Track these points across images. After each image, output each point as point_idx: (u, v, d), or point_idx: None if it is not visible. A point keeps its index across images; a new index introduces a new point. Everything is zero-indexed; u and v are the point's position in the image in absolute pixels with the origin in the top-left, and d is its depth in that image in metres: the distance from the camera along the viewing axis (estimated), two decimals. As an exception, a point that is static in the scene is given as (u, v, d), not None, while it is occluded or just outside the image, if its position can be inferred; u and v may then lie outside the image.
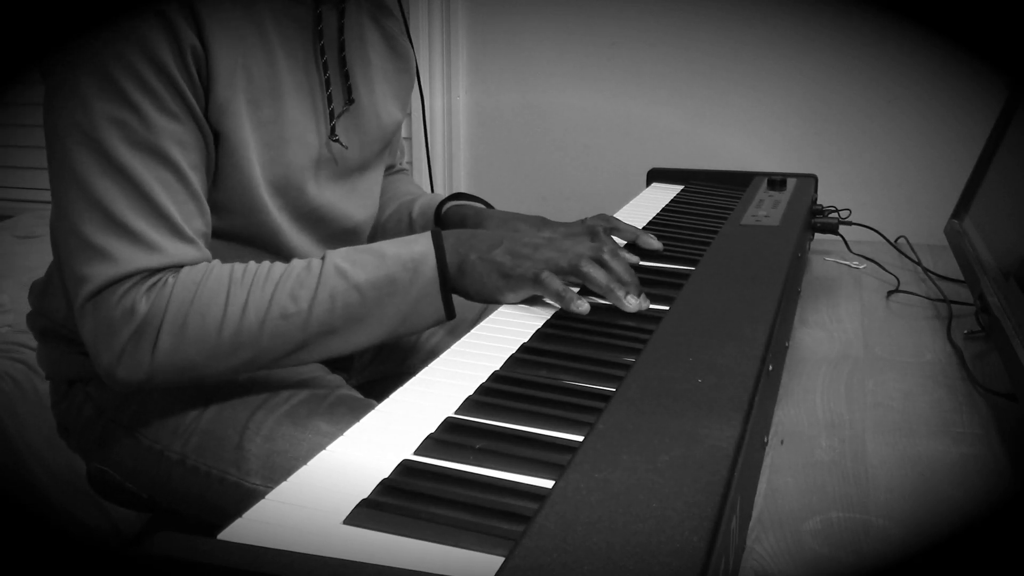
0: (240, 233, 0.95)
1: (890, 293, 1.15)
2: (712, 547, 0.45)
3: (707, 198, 1.38)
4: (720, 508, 0.48)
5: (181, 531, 0.44)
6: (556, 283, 0.86)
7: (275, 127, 0.92)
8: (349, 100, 1.01)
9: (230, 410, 0.95)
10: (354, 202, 1.06)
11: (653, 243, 1.05)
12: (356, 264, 0.87)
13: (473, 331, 0.83)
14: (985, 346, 0.97)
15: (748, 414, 0.60)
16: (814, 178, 1.43)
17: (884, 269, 1.24)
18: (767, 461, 0.72)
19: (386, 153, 1.14)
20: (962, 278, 1.10)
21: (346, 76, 1.00)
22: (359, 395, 1.00)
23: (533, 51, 2.20)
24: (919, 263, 1.27)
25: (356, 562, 0.44)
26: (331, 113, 0.98)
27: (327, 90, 0.97)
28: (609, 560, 0.44)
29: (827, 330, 1.02)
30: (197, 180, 0.87)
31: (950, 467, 0.72)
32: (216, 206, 0.91)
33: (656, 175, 1.55)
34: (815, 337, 0.99)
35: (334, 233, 1.04)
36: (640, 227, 1.20)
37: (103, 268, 0.82)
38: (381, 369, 1.22)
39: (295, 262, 0.88)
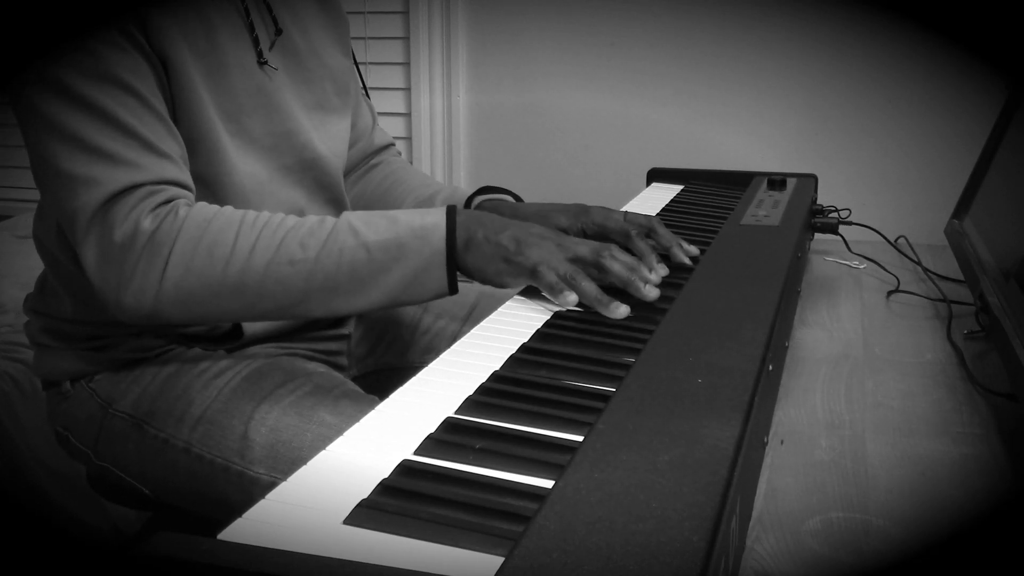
0: (198, 169, 0.95)
1: (890, 293, 1.15)
2: (712, 547, 0.45)
3: (707, 198, 1.38)
4: (720, 508, 0.48)
5: (181, 531, 0.44)
6: (551, 276, 0.87)
7: (212, 55, 0.94)
8: (277, 30, 1.03)
9: (236, 401, 0.96)
10: (317, 136, 1.07)
11: (687, 255, 1.01)
12: (369, 224, 0.88)
13: (473, 331, 0.83)
14: (985, 346, 0.97)
15: (748, 414, 0.60)
16: (814, 178, 1.43)
17: (884, 269, 1.24)
18: (767, 461, 0.71)
19: (347, 101, 1.15)
20: (962, 278, 1.10)
21: (269, 8, 1.03)
22: (363, 391, 1.00)
23: (533, 51, 2.20)
24: (919, 263, 1.27)
25: (356, 562, 0.44)
26: (256, 39, 0.99)
27: (248, 18, 0.99)
28: (609, 560, 0.44)
29: (827, 330, 1.02)
30: (159, 105, 0.89)
31: (950, 467, 0.72)
32: None
33: (656, 175, 1.55)
34: (815, 337, 0.99)
35: (291, 163, 1.04)
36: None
37: (91, 194, 0.85)
38: (380, 361, 1.23)
39: (310, 216, 0.90)
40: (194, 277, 0.85)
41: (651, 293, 0.87)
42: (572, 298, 0.86)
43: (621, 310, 0.85)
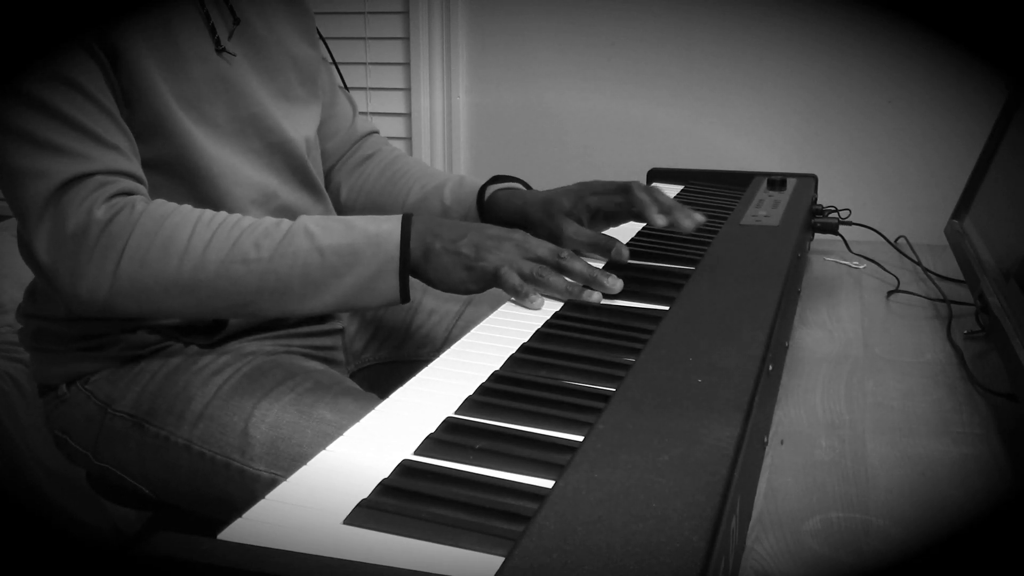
0: (162, 157, 0.96)
1: (890, 293, 1.15)
2: (712, 547, 0.45)
3: (707, 198, 1.38)
4: (720, 508, 0.48)
5: (181, 531, 0.44)
6: (514, 279, 0.88)
7: (168, 46, 0.94)
8: (235, 20, 1.03)
9: (236, 398, 0.96)
10: (285, 120, 1.07)
11: (690, 221, 1.01)
12: (325, 229, 0.90)
13: (473, 331, 0.83)
14: (985, 346, 0.97)
15: (748, 414, 0.60)
16: (814, 178, 1.43)
17: (884, 269, 1.24)
18: (767, 461, 0.72)
19: (313, 91, 1.15)
20: (962, 278, 1.10)
21: (226, 1, 1.03)
22: (362, 389, 1.01)
23: (533, 51, 2.20)
24: (919, 263, 1.27)
25: (356, 562, 0.44)
26: (212, 28, 1.00)
27: (203, 8, 0.99)
28: (609, 560, 0.44)
29: (827, 330, 1.02)
30: (107, 101, 0.90)
31: (950, 467, 0.72)
32: (134, 133, 0.93)
33: (656, 175, 1.55)
34: (815, 337, 0.99)
35: (259, 147, 1.04)
36: (640, 227, 1.20)
37: (40, 185, 0.86)
38: (376, 356, 1.23)
39: (267, 218, 0.91)
40: (148, 272, 0.86)
41: (615, 285, 0.89)
42: (538, 302, 0.87)
43: (610, 281, 0.88)
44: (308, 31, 1.17)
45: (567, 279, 0.90)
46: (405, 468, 0.57)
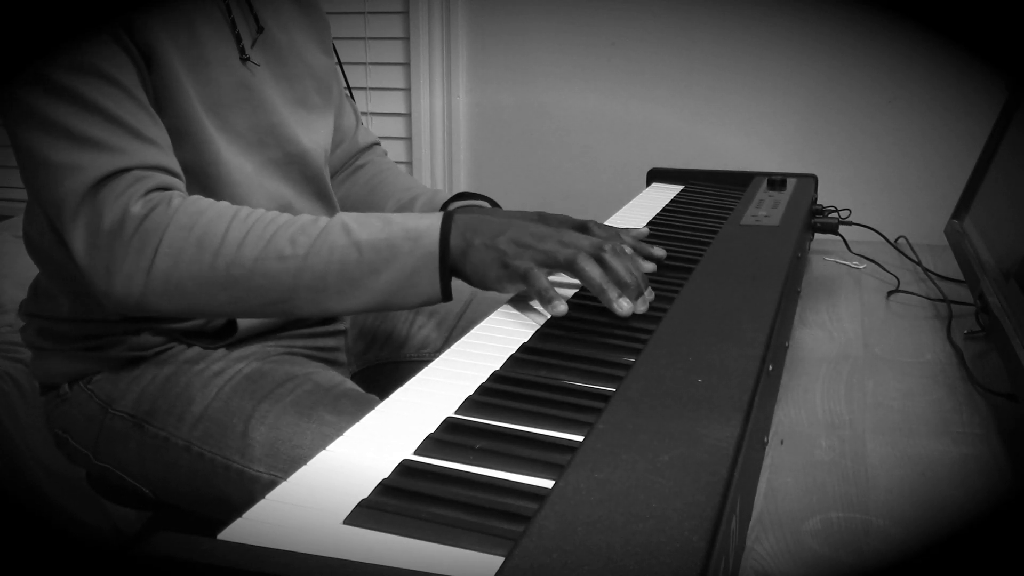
0: (184, 161, 0.95)
1: (890, 293, 1.15)
2: (712, 547, 0.45)
3: (707, 198, 1.38)
4: (720, 508, 0.48)
5: (181, 531, 0.44)
6: (542, 281, 0.85)
7: (195, 51, 0.94)
8: (259, 28, 1.03)
9: (236, 400, 0.96)
10: (301, 130, 1.07)
11: (643, 305, 0.93)
12: (362, 224, 0.87)
13: (473, 331, 0.83)
14: (985, 346, 0.97)
15: (748, 414, 0.60)
16: (814, 178, 1.43)
17: (884, 269, 1.24)
18: (767, 461, 0.71)
19: (328, 99, 1.15)
20: (962, 278, 1.10)
21: (251, 6, 1.03)
22: (362, 390, 1.01)
23: (533, 51, 2.20)
24: (919, 263, 1.27)
25: (356, 562, 0.44)
26: (238, 36, 1.00)
27: (230, 15, 0.99)
28: (609, 560, 0.44)
29: (827, 330, 1.02)
30: (141, 96, 0.89)
31: (950, 467, 0.72)
32: None
33: (656, 175, 1.55)
34: (815, 337, 0.99)
35: (277, 157, 1.05)
36: (640, 227, 1.20)
37: (76, 180, 0.85)
38: (378, 357, 1.23)
39: (304, 214, 0.90)
40: (183, 268, 0.85)
41: (638, 307, 0.84)
42: (561, 308, 0.83)
43: (627, 305, 0.82)
44: (324, 40, 1.17)
45: (602, 272, 0.84)
46: (405, 468, 0.57)
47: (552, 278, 0.88)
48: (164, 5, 0.92)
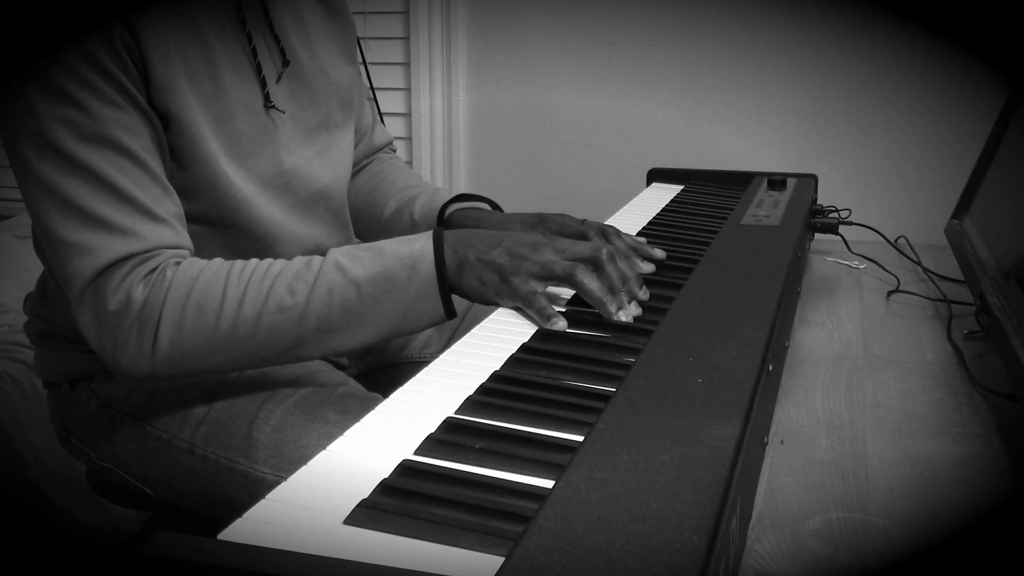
0: (211, 214, 0.95)
1: (890, 293, 1.15)
2: (712, 547, 0.45)
3: (707, 198, 1.38)
4: (720, 508, 0.48)
5: (181, 531, 0.44)
6: (540, 302, 0.85)
7: (219, 100, 0.93)
8: (285, 62, 1.01)
9: (240, 401, 0.96)
10: (320, 164, 1.07)
11: (650, 261, 1.00)
12: (355, 260, 0.87)
13: (473, 331, 0.83)
14: (985, 346, 0.97)
15: (748, 414, 0.60)
16: (814, 178, 1.43)
17: (884, 269, 1.24)
18: (767, 461, 0.72)
19: (350, 113, 1.14)
20: (962, 278, 1.10)
21: (277, 39, 1.01)
22: (366, 390, 1.00)
23: (533, 51, 2.20)
24: (919, 263, 1.27)
25: (356, 562, 0.44)
26: (263, 81, 0.98)
27: (255, 59, 0.98)
28: (609, 560, 0.44)
29: (827, 330, 1.02)
30: (154, 164, 0.88)
31: (950, 467, 0.72)
32: (183, 190, 0.92)
33: (656, 175, 1.55)
34: (815, 337, 0.99)
35: (303, 198, 1.04)
36: (640, 227, 1.20)
37: (85, 262, 0.84)
38: (379, 358, 1.23)
39: (296, 258, 0.89)
40: (187, 335, 0.85)
41: (635, 311, 0.86)
42: (561, 324, 0.83)
43: (624, 316, 0.84)
44: (349, 46, 1.15)
45: (599, 284, 0.86)
46: (405, 468, 0.57)
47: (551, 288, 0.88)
48: (186, 44, 0.90)
